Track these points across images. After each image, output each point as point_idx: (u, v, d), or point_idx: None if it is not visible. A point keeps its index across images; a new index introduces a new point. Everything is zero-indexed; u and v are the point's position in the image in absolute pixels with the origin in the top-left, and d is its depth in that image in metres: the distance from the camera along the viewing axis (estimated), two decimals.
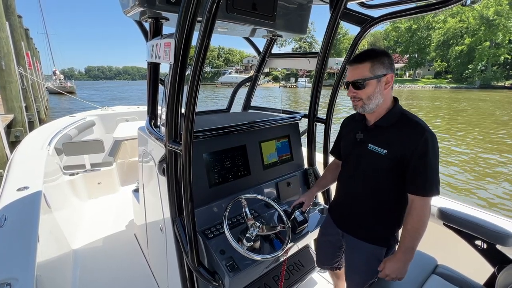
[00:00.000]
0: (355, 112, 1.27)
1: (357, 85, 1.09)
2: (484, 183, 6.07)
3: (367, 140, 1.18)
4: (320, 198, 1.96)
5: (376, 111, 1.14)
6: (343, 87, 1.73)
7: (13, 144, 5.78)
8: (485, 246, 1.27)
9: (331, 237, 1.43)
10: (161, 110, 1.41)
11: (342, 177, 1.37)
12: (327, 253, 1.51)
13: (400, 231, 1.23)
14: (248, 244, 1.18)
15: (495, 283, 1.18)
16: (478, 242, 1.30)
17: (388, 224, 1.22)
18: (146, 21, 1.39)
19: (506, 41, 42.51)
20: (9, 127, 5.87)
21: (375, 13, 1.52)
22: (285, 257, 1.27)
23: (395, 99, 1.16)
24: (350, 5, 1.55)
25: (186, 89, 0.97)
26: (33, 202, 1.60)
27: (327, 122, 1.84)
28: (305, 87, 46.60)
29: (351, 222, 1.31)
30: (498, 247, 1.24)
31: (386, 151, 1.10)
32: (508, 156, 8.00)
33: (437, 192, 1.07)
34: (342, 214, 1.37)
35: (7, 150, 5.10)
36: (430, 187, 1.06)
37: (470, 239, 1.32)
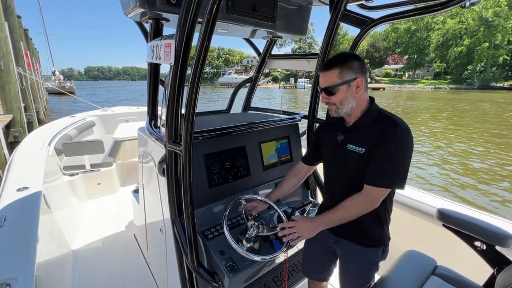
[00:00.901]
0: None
1: (328, 91, 1.12)
2: None
3: (346, 141, 1.19)
4: (320, 199, 1.96)
5: (353, 113, 1.16)
6: None
7: (11, 145, 5.77)
8: (485, 247, 1.28)
9: (322, 244, 1.39)
10: (161, 111, 1.41)
11: (327, 180, 1.35)
12: (317, 260, 1.46)
13: (389, 229, 1.24)
14: (248, 245, 1.18)
15: (495, 284, 1.18)
16: (477, 243, 1.30)
17: (377, 222, 1.21)
18: (146, 22, 1.39)
19: (505, 42, 42.67)
20: (7, 128, 5.85)
21: (375, 14, 1.53)
22: (286, 256, 1.27)
23: (371, 100, 1.18)
24: (350, 7, 1.55)
25: (186, 90, 0.97)
26: (32, 203, 1.60)
27: None
28: (304, 88, 46.68)
29: (343, 225, 1.26)
30: (498, 248, 1.25)
31: (363, 149, 1.11)
32: None
33: (388, 185, 1.06)
34: None
35: (6, 151, 5.09)
36: (382, 178, 1.06)
37: (469, 240, 1.33)
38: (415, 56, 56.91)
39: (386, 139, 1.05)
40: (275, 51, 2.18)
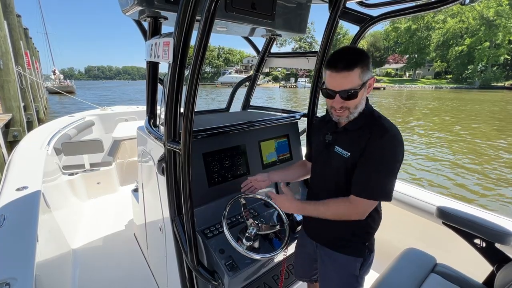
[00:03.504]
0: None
1: (349, 95, 0.98)
2: None
3: (334, 142, 1.14)
4: None
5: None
6: None
7: (11, 144, 5.77)
8: (484, 244, 1.28)
9: (307, 248, 1.37)
10: (160, 110, 1.41)
11: (312, 178, 1.31)
12: (304, 265, 1.44)
13: (372, 240, 1.18)
14: (248, 244, 1.17)
15: (494, 281, 1.18)
16: (477, 241, 1.30)
17: (357, 231, 1.14)
18: (145, 20, 1.39)
19: (506, 42, 42.59)
20: (7, 127, 5.85)
21: (374, 12, 1.52)
22: (285, 256, 1.27)
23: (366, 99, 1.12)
24: (349, 4, 1.55)
25: (185, 89, 0.96)
26: (32, 202, 1.60)
27: None
28: (305, 87, 46.68)
29: (321, 230, 1.22)
30: (497, 245, 1.25)
31: (349, 153, 1.05)
32: None
33: (377, 197, 1.00)
34: (311, 221, 1.28)
35: (5, 150, 5.09)
36: (370, 189, 0.99)
37: (469, 238, 1.33)
38: (416, 55, 56.84)
39: (373, 147, 0.99)
40: (275, 50, 2.18)
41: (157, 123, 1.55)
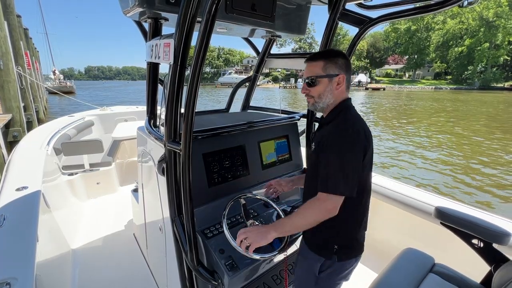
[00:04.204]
0: None
1: (310, 82, 1.13)
2: None
3: (314, 138, 1.22)
4: None
5: (326, 110, 1.17)
6: None
7: (11, 144, 5.77)
8: (482, 245, 1.29)
9: None
10: (161, 110, 1.41)
11: None
12: None
13: (345, 249, 1.13)
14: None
15: (492, 281, 1.19)
16: (475, 241, 1.31)
17: (323, 229, 1.09)
18: (145, 21, 1.39)
19: (506, 43, 42.70)
20: (7, 127, 5.85)
21: (373, 13, 1.53)
22: (285, 255, 1.28)
23: (347, 99, 1.15)
24: (349, 6, 1.56)
25: (185, 89, 0.97)
26: (32, 202, 1.61)
27: None
28: None
29: None
30: (495, 245, 1.26)
31: (314, 147, 1.15)
32: None
33: (332, 191, 0.98)
34: None
35: (4, 150, 5.09)
36: (324, 183, 1.00)
37: (467, 238, 1.34)
38: (415, 56, 56.89)
39: (328, 140, 1.05)
40: (275, 51, 2.18)
41: (157, 123, 1.55)
